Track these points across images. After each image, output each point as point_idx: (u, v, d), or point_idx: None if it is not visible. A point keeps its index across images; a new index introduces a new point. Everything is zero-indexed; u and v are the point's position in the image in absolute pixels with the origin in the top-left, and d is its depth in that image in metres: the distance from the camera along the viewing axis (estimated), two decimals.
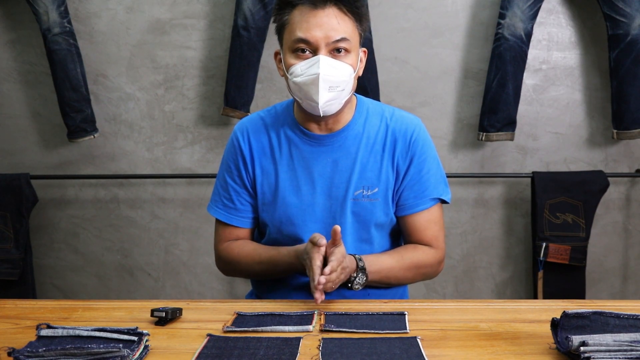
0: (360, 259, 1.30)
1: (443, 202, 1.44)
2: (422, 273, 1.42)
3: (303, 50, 1.27)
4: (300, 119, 1.40)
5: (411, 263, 1.39)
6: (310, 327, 1.08)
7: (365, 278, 1.30)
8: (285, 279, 1.42)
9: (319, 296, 1.18)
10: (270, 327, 1.08)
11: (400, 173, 1.39)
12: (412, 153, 1.39)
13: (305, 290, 1.40)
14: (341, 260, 1.22)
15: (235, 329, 1.08)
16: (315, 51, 1.27)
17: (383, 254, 1.39)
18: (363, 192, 1.37)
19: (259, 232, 1.51)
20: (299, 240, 1.38)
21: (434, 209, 1.42)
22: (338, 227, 1.22)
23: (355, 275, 1.29)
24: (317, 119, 1.35)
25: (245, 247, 1.44)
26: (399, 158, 1.39)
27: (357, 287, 1.30)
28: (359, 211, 1.38)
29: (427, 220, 1.41)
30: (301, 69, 1.27)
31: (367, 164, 1.38)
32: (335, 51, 1.27)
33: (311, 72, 1.26)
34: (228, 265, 1.47)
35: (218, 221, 1.49)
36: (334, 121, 1.38)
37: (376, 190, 1.38)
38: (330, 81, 1.26)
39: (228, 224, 1.46)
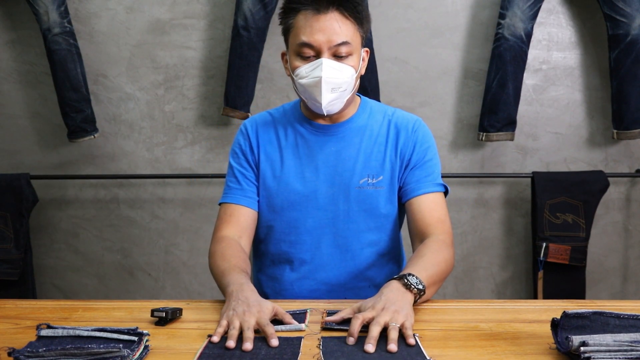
0: (399, 275, 1.17)
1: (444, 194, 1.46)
2: (448, 269, 1.31)
3: (307, 54, 1.32)
4: (307, 113, 1.46)
5: (435, 260, 1.26)
6: (303, 326, 1.09)
7: (415, 277, 1.15)
8: (293, 267, 1.45)
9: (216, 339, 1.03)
10: None
11: (405, 160, 1.43)
12: (414, 140, 1.44)
13: (310, 279, 1.44)
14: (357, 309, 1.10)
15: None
16: (318, 54, 1.31)
17: (411, 265, 1.22)
18: (368, 180, 1.41)
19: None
20: (297, 229, 1.42)
21: (439, 194, 1.41)
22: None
23: (406, 280, 1.15)
24: (322, 115, 1.41)
25: (226, 251, 1.38)
26: (402, 147, 1.43)
27: (416, 287, 1.14)
28: (364, 199, 1.41)
29: (433, 201, 1.39)
30: (305, 71, 1.32)
31: (371, 154, 1.43)
32: (338, 54, 1.31)
33: (314, 75, 1.30)
34: (209, 257, 1.43)
35: (221, 206, 1.47)
36: (338, 117, 1.44)
37: (381, 178, 1.42)
38: (333, 83, 1.31)
39: (230, 203, 1.44)
